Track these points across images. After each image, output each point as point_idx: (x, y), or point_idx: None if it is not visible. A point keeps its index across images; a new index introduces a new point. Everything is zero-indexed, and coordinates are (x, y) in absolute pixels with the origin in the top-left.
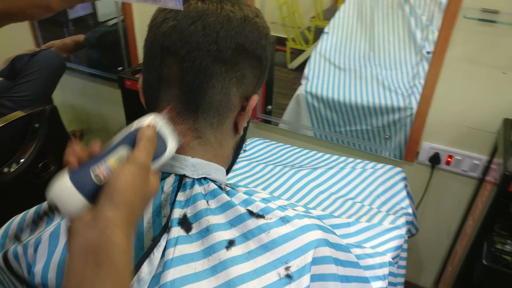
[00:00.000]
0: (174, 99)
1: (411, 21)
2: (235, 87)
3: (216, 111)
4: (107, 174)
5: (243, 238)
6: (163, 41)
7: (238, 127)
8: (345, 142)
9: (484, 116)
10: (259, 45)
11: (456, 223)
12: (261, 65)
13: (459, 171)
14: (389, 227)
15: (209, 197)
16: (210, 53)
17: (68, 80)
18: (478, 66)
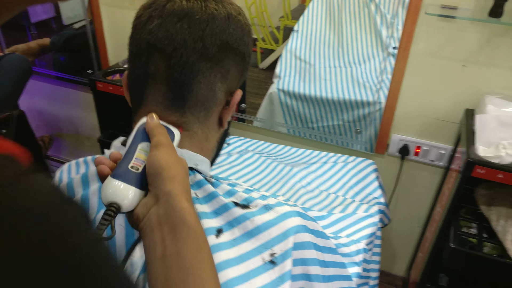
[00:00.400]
0: (161, 95)
1: (377, 19)
2: (220, 82)
3: (202, 106)
4: (141, 163)
5: (229, 226)
6: (150, 39)
7: (222, 121)
8: (317, 137)
9: (448, 108)
10: (242, 41)
11: (425, 211)
12: (244, 61)
13: (427, 161)
14: (363, 215)
15: (195, 187)
16: (196, 50)
17: (34, 85)
18: (441, 60)
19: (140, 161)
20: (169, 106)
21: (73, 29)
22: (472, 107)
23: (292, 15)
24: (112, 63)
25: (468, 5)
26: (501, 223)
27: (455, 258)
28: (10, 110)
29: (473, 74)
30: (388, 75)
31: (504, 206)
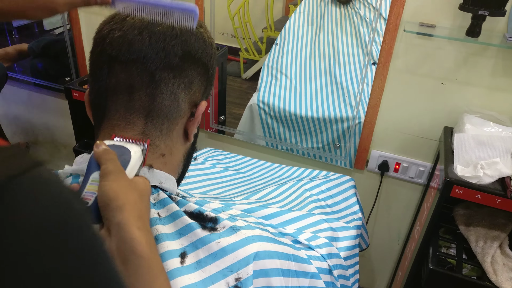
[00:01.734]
0: (123, 107)
1: (361, 31)
2: (183, 93)
3: (165, 117)
4: (91, 196)
5: (193, 247)
6: (111, 51)
7: (188, 133)
8: (295, 151)
9: (427, 125)
10: (205, 53)
11: (405, 228)
12: (207, 73)
13: (406, 178)
14: (342, 225)
15: (158, 206)
16: (158, 61)
17: (11, 91)
18: (420, 77)
19: (90, 193)
20: (131, 118)
21: (53, 34)
22: (451, 125)
23: (276, 26)
24: None
25: (446, 23)
26: (480, 244)
27: (434, 279)
28: None
29: (451, 92)
30: (368, 89)
31: (482, 227)
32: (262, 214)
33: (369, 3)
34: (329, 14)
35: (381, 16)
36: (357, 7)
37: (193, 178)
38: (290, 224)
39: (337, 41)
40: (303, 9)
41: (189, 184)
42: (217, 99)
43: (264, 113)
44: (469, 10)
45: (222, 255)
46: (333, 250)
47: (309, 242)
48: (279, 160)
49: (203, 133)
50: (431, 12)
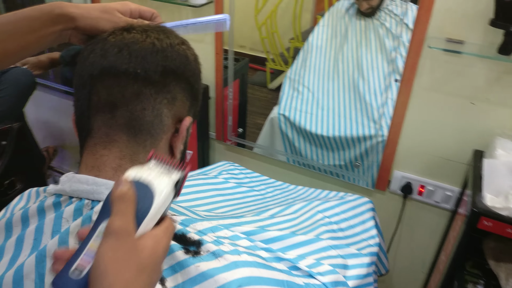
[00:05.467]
0: (105, 124)
1: (386, 43)
2: (166, 108)
3: (148, 133)
4: (87, 262)
5: (171, 270)
6: (92, 70)
7: (173, 149)
8: (316, 168)
9: (455, 147)
10: (187, 69)
11: (430, 256)
12: (192, 89)
13: (431, 202)
14: (353, 252)
15: None
16: (138, 77)
17: (42, 97)
18: (446, 96)
19: (90, 257)
20: (113, 135)
21: None
22: (481, 148)
23: (303, 36)
24: None
25: (475, 39)
26: (510, 283)
27: None
28: (11, 122)
29: (482, 113)
30: (389, 107)
31: None
32: (262, 237)
33: (396, 15)
34: (353, 26)
35: (407, 28)
36: (382, 19)
37: (202, 193)
38: (293, 249)
39: (361, 54)
40: (326, 22)
41: (197, 199)
42: (237, 111)
43: (285, 127)
44: (500, 26)
45: (202, 279)
46: (339, 278)
47: (310, 269)
48: (298, 176)
49: (221, 145)
50: (459, 28)
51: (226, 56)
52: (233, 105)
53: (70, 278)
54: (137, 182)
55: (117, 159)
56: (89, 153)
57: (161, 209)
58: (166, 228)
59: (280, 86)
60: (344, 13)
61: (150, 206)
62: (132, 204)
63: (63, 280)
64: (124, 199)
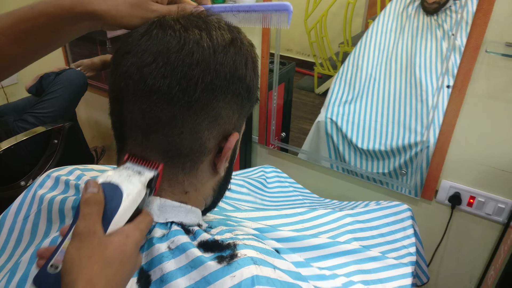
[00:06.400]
0: (139, 145)
1: (443, 46)
2: (207, 130)
3: (187, 157)
4: (61, 259)
5: (205, 283)
6: (123, 83)
7: (217, 168)
8: (359, 175)
9: (510, 156)
10: (235, 78)
11: (479, 270)
12: (240, 99)
13: (482, 214)
14: (393, 262)
15: (167, 239)
16: (173, 97)
17: (93, 97)
18: (504, 103)
19: (63, 255)
20: (149, 157)
21: None
22: None
23: (353, 41)
24: None
25: None
26: None
27: None
28: (63, 122)
29: None
30: (439, 113)
31: None
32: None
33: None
34: (411, 25)
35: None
36: (442, 18)
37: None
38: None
39: (415, 55)
40: (381, 21)
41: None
42: (281, 115)
43: (331, 131)
44: None
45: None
46: None
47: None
48: (341, 182)
49: (263, 149)
50: None
51: (272, 60)
52: (277, 109)
53: (48, 273)
54: (107, 184)
55: None
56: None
57: (131, 207)
58: (138, 223)
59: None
60: (402, 10)
61: (119, 205)
62: (97, 206)
63: (43, 274)
64: (89, 202)
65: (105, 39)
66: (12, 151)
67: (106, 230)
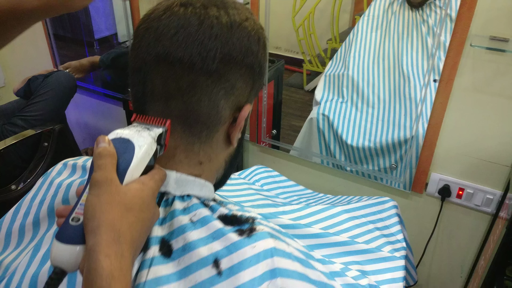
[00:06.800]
0: (159, 114)
1: (429, 42)
2: (223, 99)
3: (204, 125)
4: (82, 211)
5: (226, 251)
6: (146, 55)
7: (231, 139)
8: (349, 170)
9: (497, 148)
10: (249, 52)
11: (469, 260)
12: (253, 73)
13: (471, 205)
14: (387, 255)
15: (189, 212)
16: (193, 66)
17: (82, 100)
18: (489, 96)
19: (83, 207)
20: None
21: (122, 47)
22: None
23: (341, 38)
24: None
25: None
26: None
27: None
28: (53, 124)
29: None
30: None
31: None
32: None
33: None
34: (396, 21)
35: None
36: (427, 13)
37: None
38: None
39: (401, 50)
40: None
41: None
42: (271, 113)
43: (323, 127)
44: None
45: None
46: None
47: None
48: (332, 178)
49: (255, 146)
50: (504, 25)
51: None
52: (268, 107)
53: (70, 225)
54: (118, 139)
55: (171, 148)
56: None
57: (144, 159)
58: (152, 174)
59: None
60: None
61: (132, 157)
62: (111, 158)
63: (65, 228)
64: (102, 155)
65: (93, 41)
66: (2, 155)
67: (122, 180)
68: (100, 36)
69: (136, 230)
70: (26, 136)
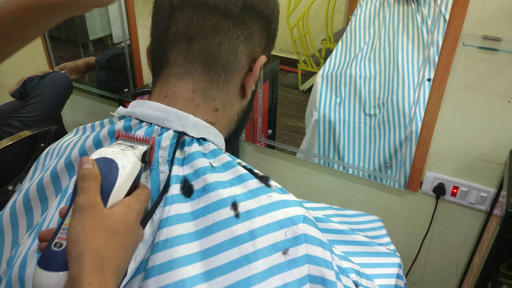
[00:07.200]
0: (181, 56)
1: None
2: (242, 45)
3: (223, 69)
4: (65, 236)
5: (244, 197)
6: (172, 0)
7: (245, 88)
8: (345, 169)
9: (491, 147)
10: (267, 6)
11: (464, 258)
12: (269, 28)
13: (466, 203)
14: (384, 251)
15: (210, 156)
16: (218, 9)
17: (78, 100)
18: (482, 95)
19: (66, 231)
20: (189, 67)
21: (117, 48)
22: None
23: (335, 38)
24: (146, 83)
25: None
26: None
27: None
28: (49, 125)
29: None
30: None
31: None
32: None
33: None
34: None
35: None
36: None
37: None
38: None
39: (397, 46)
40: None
41: None
42: (267, 113)
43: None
44: None
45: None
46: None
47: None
48: (327, 177)
49: (251, 146)
50: (496, 24)
51: None
52: (263, 107)
53: (53, 251)
54: (102, 159)
55: (190, 91)
56: (163, 84)
57: (128, 180)
58: (137, 195)
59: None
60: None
61: (116, 178)
62: (95, 180)
63: (48, 254)
64: (86, 177)
65: (88, 42)
66: None
67: (106, 203)
68: (95, 37)
69: (120, 256)
70: (22, 137)
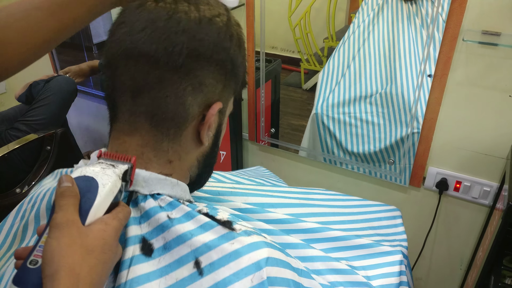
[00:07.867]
0: (128, 110)
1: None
2: (191, 96)
3: (172, 122)
4: (41, 254)
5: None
6: (117, 49)
7: (200, 137)
8: (349, 166)
9: (493, 141)
10: (219, 48)
11: (468, 253)
12: (224, 70)
13: (469, 198)
14: (387, 250)
15: (168, 208)
16: (160, 61)
17: (83, 103)
18: (483, 89)
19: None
20: (136, 123)
21: None
22: None
23: (337, 36)
24: None
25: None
26: None
27: None
28: (55, 128)
29: None
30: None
31: None
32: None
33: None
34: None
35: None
36: (420, 2)
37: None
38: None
39: (398, 43)
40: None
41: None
42: (269, 112)
43: (322, 125)
44: None
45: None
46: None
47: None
48: (331, 174)
49: (254, 145)
50: (496, 19)
51: (258, 58)
52: (266, 106)
53: (28, 268)
54: (82, 177)
55: (139, 146)
56: (113, 138)
57: (108, 198)
58: (116, 213)
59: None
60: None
61: (95, 196)
62: (73, 198)
63: (23, 271)
64: (64, 195)
65: (91, 45)
66: (6, 160)
67: (84, 221)
68: (99, 40)
69: (97, 273)
70: (29, 140)
